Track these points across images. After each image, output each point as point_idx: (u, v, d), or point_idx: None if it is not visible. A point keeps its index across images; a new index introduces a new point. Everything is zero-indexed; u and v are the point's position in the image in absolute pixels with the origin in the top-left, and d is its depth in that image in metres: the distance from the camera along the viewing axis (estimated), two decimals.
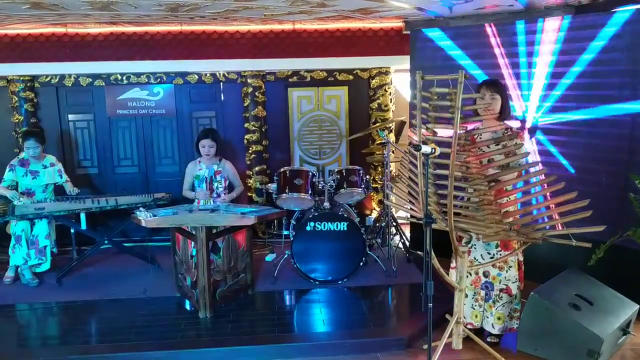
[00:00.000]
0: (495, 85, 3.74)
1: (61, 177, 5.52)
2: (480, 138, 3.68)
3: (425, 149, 3.07)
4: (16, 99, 6.20)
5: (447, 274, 3.76)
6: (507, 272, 3.74)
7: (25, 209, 5.04)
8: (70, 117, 6.43)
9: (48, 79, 6.28)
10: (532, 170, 3.72)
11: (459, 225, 3.50)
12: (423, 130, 3.35)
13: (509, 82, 5.03)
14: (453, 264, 3.85)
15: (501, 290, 3.76)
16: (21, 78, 6.18)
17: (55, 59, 6.15)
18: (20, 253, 5.20)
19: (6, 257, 5.36)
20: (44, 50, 6.15)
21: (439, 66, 5.41)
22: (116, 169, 6.54)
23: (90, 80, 6.30)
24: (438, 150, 3.13)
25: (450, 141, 3.21)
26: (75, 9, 4.62)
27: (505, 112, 3.73)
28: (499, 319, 3.80)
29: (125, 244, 5.79)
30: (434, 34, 5.52)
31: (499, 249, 3.73)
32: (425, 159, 3.11)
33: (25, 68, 6.13)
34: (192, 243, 4.50)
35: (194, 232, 4.44)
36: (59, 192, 5.63)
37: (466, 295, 3.79)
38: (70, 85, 6.30)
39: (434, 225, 3.23)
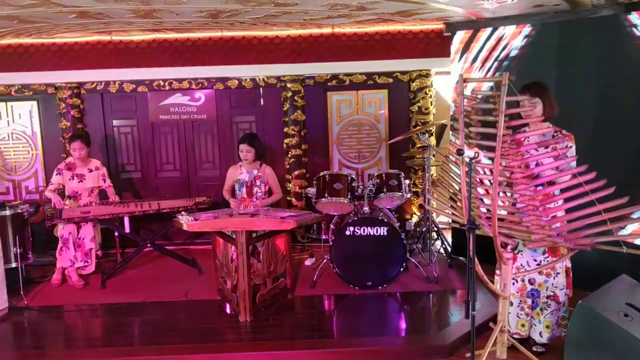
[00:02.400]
0: (535, 87, 3.61)
1: (104, 182, 5.65)
2: (528, 141, 3.58)
3: (469, 153, 2.99)
4: (63, 105, 6.39)
5: (492, 281, 3.66)
6: (554, 279, 3.61)
7: (71, 212, 5.17)
8: (115, 122, 6.58)
9: (93, 85, 6.44)
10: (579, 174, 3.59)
11: (503, 231, 3.41)
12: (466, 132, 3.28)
13: None
14: (498, 271, 3.75)
15: (548, 297, 3.64)
16: (68, 85, 6.37)
17: (101, 66, 6.32)
18: (67, 255, 5.34)
19: (53, 259, 5.50)
20: (89, 57, 6.31)
21: None
22: (158, 173, 6.66)
23: (134, 86, 6.44)
24: (481, 154, 3.05)
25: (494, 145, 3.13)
26: (119, 17, 4.73)
27: (549, 114, 3.60)
28: (547, 327, 3.67)
29: (167, 247, 5.87)
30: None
31: (546, 255, 3.61)
32: (469, 163, 3.03)
33: (72, 75, 6.32)
34: (233, 247, 4.53)
35: (234, 236, 4.46)
36: (103, 196, 5.76)
37: (511, 304, 3.69)
38: (114, 91, 6.45)
39: (477, 231, 3.15)
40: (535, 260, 3.64)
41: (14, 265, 5.10)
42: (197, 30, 6.03)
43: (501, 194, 3.41)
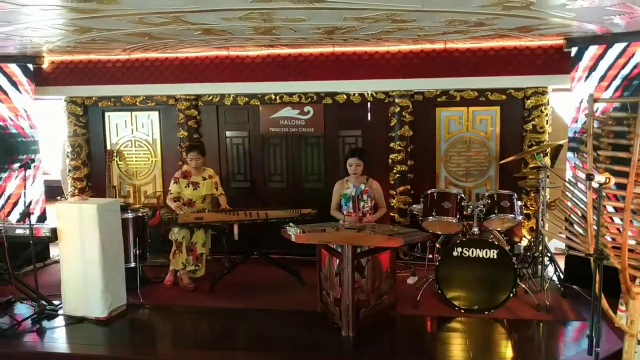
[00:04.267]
0: None
1: (217, 189, 5.90)
2: None
3: (599, 178, 2.81)
4: (182, 116, 6.77)
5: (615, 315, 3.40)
6: None
7: (186, 218, 5.45)
8: (228, 133, 6.87)
9: (210, 98, 6.78)
10: None
11: (633, 264, 3.16)
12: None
13: None
14: (622, 307, 3.47)
15: None
16: (187, 97, 6.74)
17: (217, 80, 6.62)
18: (180, 259, 5.63)
19: (167, 261, 5.81)
20: (207, 71, 6.64)
21: None
22: (267, 183, 6.85)
23: (247, 99, 6.70)
24: (613, 180, 2.86)
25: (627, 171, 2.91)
26: (240, 34, 4.94)
27: None
28: None
29: (272, 256, 6.01)
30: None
31: None
32: (598, 189, 2.84)
33: (190, 88, 6.69)
34: (337, 260, 4.55)
35: (339, 250, 4.48)
36: (215, 202, 6.02)
37: (638, 342, 3.40)
38: (229, 104, 6.75)
39: (604, 262, 2.94)
40: None
41: (133, 265, 5.45)
42: (309, 46, 6.17)
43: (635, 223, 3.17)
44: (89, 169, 7.13)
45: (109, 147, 7.07)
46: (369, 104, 6.55)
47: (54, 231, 4.91)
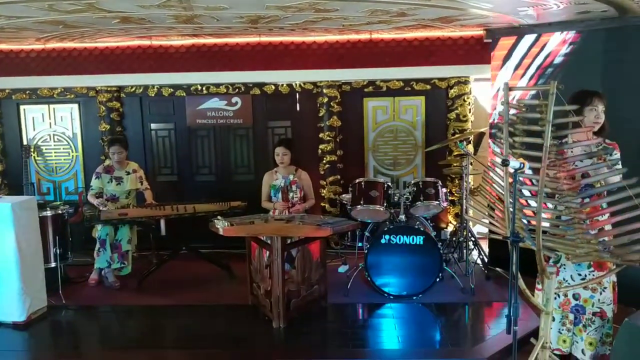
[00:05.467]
0: (605, 97, 3.51)
1: (141, 184, 5.71)
2: (572, 152, 3.46)
3: (514, 163, 2.91)
4: (103, 108, 6.50)
5: (533, 295, 3.55)
6: (601, 294, 3.48)
7: (109, 214, 5.25)
8: (153, 126, 6.67)
9: (133, 89, 6.54)
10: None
11: (547, 245, 3.30)
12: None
13: None
14: (539, 286, 3.63)
15: (594, 313, 3.51)
16: (108, 89, 6.47)
17: (140, 70, 6.41)
18: (104, 257, 5.42)
19: (91, 260, 5.59)
20: (130, 62, 6.41)
21: None
22: (195, 176, 6.70)
23: (172, 90, 6.52)
24: (527, 165, 2.97)
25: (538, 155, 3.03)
26: (160, 23, 4.78)
27: (606, 127, 3.50)
28: (590, 344, 3.54)
29: (201, 251, 5.90)
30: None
31: (592, 269, 3.48)
32: (514, 174, 2.95)
33: (112, 79, 6.43)
34: (267, 252, 4.52)
35: (269, 242, 4.45)
36: (139, 199, 5.82)
37: (553, 319, 3.57)
38: (153, 95, 6.54)
39: (519, 244, 3.06)
40: (579, 275, 3.52)
41: (53, 265, 5.21)
42: (235, 36, 6.06)
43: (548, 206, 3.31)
44: (3, 165, 6.73)
45: (25, 143, 6.69)
46: (297, 94, 6.53)
47: None
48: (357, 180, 5.25)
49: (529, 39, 5.33)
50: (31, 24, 4.69)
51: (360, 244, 5.55)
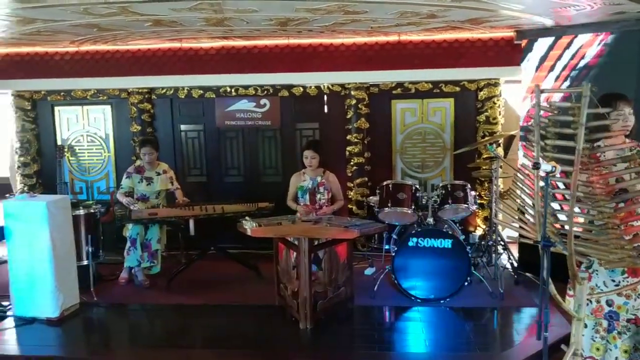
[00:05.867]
0: (631, 100, 3.44)
1: (172, 184, 5.79)
2: (605, 156, 3.39)
3: (545, 167, 2.86)
4: (135, 110, 6.62)
5: (564, 301, 3.49)
6: (635, 300, 3.40)
7: (140, 213, 5.33)
8: (182, 127, 6.76)
9: (164, 91, 6.64)
10: None
11: (579, 250, 3.24)
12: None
13: None
14: (570, 292, 3.56)
15: (628, 320, 3.43)
16: (140, 90, 6.59)
17: (171, 72, 6.50)
18: (135, 255, 5.51)
19: (122, 258, 5.68)
20: (160, 64, 6.51)
21: None
22: (224, 177, 6.77)
23: (202, 92, 6.59)
24: (559, 169, 2.91)
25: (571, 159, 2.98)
26: (191, 25, 4.85)
27: (634, 130, 3.42)
28: (625, 351, 3.46)
29: (230, 251, 5.95)
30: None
31: (626, 275, 3.40)
32: (545, 177, 2.90)
33: (143, 81, 6.54)
34: (294, 253, 4.54)
35: (296, 243, 4.47)
36: (170, 198, 5.90)
37: (585, 326, 3.50)
38: (183, 97, 6.63)
39: (550, 249, 3.01)
40: (613, 281, 3.44)
41: (85, 262, 5.30)
42: (264, 38, 6.11)
43: (577, 210, 3.25)
44: (39, 165, 6.91)
45: (59, 143, 6.86)
46: (325, 96, 6.54)
47: (0, 230, 4.72)
48: (384, 183, 5.23)
49: (561, 40, 5.24)
50: (67, 27, 4.81)
51: (387, 247, 5.52)
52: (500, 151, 6.09)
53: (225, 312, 4.90)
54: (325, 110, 6.58)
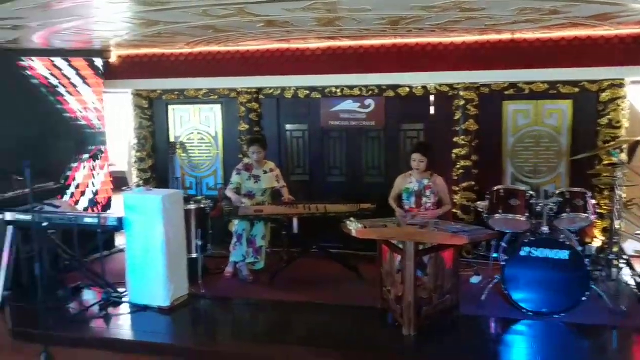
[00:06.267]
0: None
1: (278, 182, 5.89)
2: None
3: None
4: (243, 109, 6.80)
5: None
6: None
7: (246, 210, 5.47)
8: (288, 126, 6.86)
9: (271, 91, 6.78)
10: None
11: None
12: None
13: None
14: None
15: None
16: (248, 90, 6.76)
17: (278, 73, 6.61)
18: (240, 251, 5.66)
19: (227, 253, 5.86)
20: (268, 64, 6.64)
21: None
22: (326, 177, 6.80)
23: (308, 92, 6.65)
24: None
25: None
26: (302, 25, 4.89)
27: None
28: None
29: (330, 250, 5.95)
30: None
31: None
32: None
33: (252, 81, 6.71)
34: (398, 257, 4.44)
35: (401, 246, 4.37)
36: (275, 196, 6.01)
37: None
38: (289, 97, 6.72)
39: None
40: None
41: (194, 255, 5.51)
42: (371, 38, 6.05)
43: None
44: (153, 160, 7.30)
45: (172, 140, 7.20)
46: (432, 97, 6.36)
47: (120, 221, 5.02)
48: (495, 188, 4.99)
49: None
50: (185, 29, 5.02)
51: (495, 255, 5.27)
52: (624, 157, 5.62)
53: (327, 311, 4.90)
54: (432, 111, 6.41)
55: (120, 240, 6.89)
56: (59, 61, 6.55)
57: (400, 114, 6.50)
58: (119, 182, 7.82)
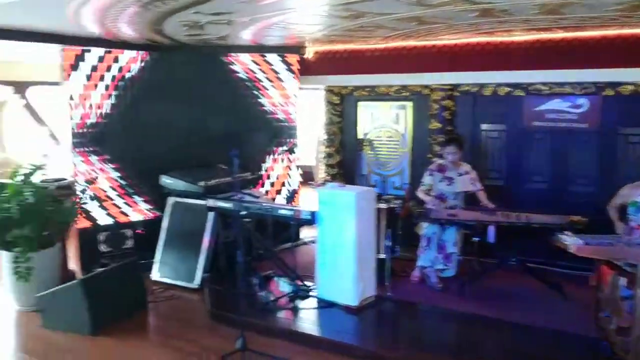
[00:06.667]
0: None
1: (474, 186, 5.48)
2: None
3: None
4: (436, 106, 6.47)
5: None
6: None
7: (439, 214, 5.15)
8: (483, 126, 6.38)
9: (467, 88, 6.35)
10: None
11: None
12: None
13: None
14: None
15: None
16: (442, 87, 6.42)
17: (476, 68, 6.17)
18: (429, 255, 5.38)
19: (413, 256, 5.59)
20: (465, 59, 6.22)
21: None
22: (524, 183, 6.18)
23: (509, 89, 6.10)
24: None
25: None
26: (519, 14, 4.41)
27: None
28: None
29: (528, 264, 5.38)
30: None
31: None
32: None
33: (448, 77, 6.35)
34: (625, 281, 3.78)
35: (627, 269, 3.72)
36: (469, 199, 5.59)
37: None
38: (488, 94, 6.23)
39: None
40: None
41: (383, 256, 5.33)
42: (591, 29, 5.32)
43: None
44: (341, 156, 7.29)
45: (360, 136, 7.13)
46: None
47: (313, 215, 5.01)
48: None
49: None
50: (388, 22, 4.82)
51: None
52: None
53: (523, 332, 4.45)
54: None
55: (304, 233, 7.02)
56: (257, 57, 6.80)
57: (619, 116, 5.65)
58: (305, 176, 7.97)
